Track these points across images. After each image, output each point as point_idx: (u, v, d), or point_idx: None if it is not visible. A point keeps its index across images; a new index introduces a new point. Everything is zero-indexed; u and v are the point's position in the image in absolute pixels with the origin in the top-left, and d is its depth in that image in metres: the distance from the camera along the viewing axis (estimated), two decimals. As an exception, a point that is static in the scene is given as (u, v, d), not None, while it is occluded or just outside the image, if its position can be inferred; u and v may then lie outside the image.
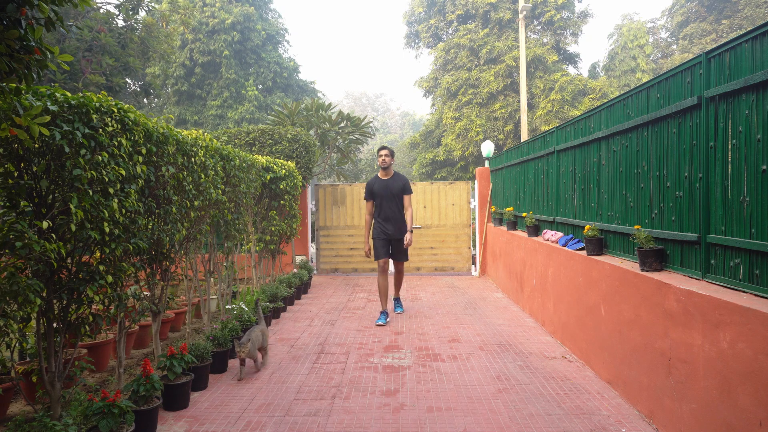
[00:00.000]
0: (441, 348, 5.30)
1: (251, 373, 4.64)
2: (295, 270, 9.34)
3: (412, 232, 6.60)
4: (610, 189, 4.65)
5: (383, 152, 6.70)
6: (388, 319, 6.52)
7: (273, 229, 7.86)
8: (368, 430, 3.45)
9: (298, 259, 10.40)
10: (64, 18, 10.44)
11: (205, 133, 5.01)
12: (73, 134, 2.84)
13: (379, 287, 6.67)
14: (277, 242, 8.07)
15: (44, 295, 2.88)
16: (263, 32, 21.89)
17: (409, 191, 6.66)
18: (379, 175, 6.73)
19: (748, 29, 2.90)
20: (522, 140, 15.50)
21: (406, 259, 6.83)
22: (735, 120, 2.94)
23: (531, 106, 20.21)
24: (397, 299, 7.16)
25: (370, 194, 6.66)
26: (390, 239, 6.60)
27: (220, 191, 5.19)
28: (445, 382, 4.33)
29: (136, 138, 3.46)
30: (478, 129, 19.85)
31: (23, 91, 2.33)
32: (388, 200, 6.55)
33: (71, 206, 2.81)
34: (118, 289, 3.37)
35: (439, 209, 10.79)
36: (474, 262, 10.87)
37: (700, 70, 3.29)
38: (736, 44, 2.94)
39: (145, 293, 4.23)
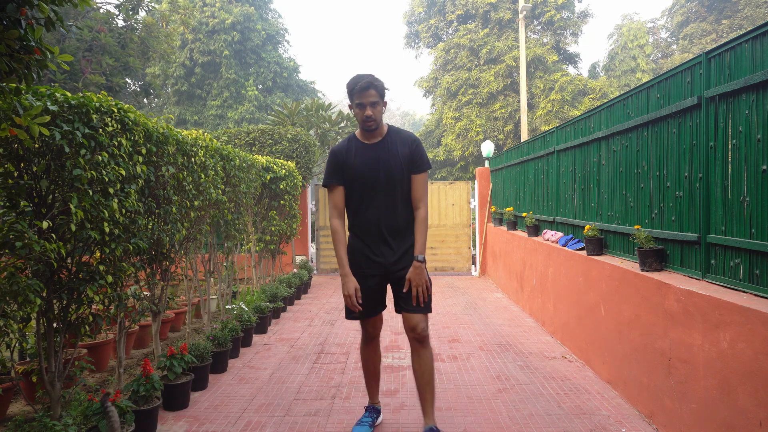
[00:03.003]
0: (441, 348, 5.29)
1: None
2: (295, 270, 9.34)
3: (423, 261, 3.06)
4: (610, 189, 4.65)
5: (364, 96, 3.03)
6: (377, 423, 3.50)
7: (273, 229, 7.87)
8: (368, 430, 3.45)
9: (298, 259, 10.40)
10: (64, 18, 10.45)
11: (205, 133, 5.01)
12: (73, 134, 2.84)
13: (364, 365, 3.45)
14: (277, 242, 8.07)
15: (44, 295, 2.88)
16: (263, 32, 21.89)
17: (425, 165, 3.16)
18: (356, 135, 3.21)
19: (748, 29, 2.90)
20: (522, 140, 15.50)
21: (429, 310, 3.15)
22: (735, 120, 2.94)
23: (531, 106, 20.20)
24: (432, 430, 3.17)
25: (338, 173, 3.15)
26: (385, 271, 3.16)
27: (220, 191, 5.19)
28: (445, 382, 4.32)
29: (136, 138, 3.46)
30: (478, 129, 19.85)
31: (23, 91, 2.33)
32: (378, 188, 3.10)
33: (71, 206, 2.81)
34: (118, 289, 3.37)
35: (438, 209, 10.79)
36: (474, 262, 10.87)
37: (700, 70, 3.29)
38: (736, 44, 2.94)
39: (145, 293, 4.22)
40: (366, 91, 3.00)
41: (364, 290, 3.14)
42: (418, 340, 3.13)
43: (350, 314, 3.21)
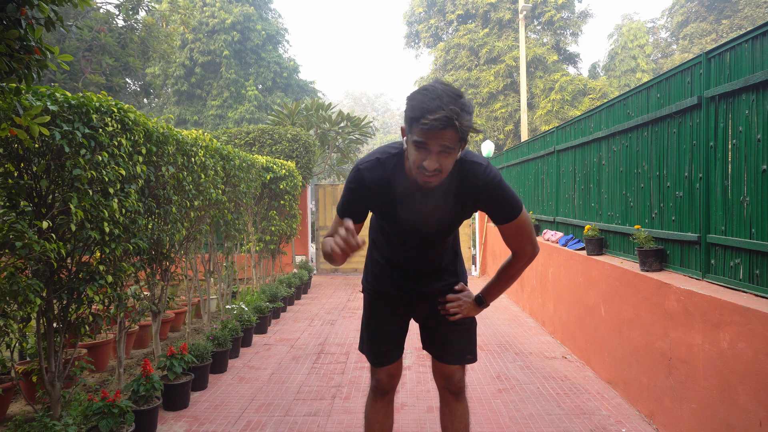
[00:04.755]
0: (441, 348, 5.29)
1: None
2: (295, 270, 9.34)
3: (482, 305, 2.25)
4: (610, 189, 4.65)
5: (433, 137, 1.71)
6: None
7: (273, 229, 7.86)
8: (368, 430, 3.45)
9: (298, 259, 10.40)
10: (64, 18, 10.45)
11: (205, 133, 5.01)
12: (73, 134, 2.84)
13: (368, 430, 2.46)
14: (277, 242, 8.07)
15: (44, 295, 2.88)
16: (263, 32, 21.88)
17: (513, 213, 2.00)
18: (405, 166, 1.94)
19: (748, 29, 2.90)
20: (522, 140, 15.51)
21: (473, 358, 2.33)
22: (735, 120, 2.94)
23: (531, 106, 20.21)
24: None
25: (362, 211, 2.07)
26: (415, 300, 2.31)
27: (220, 191, 5.18)
28: (445, 382, 4.32)
29: (136, 138, 3.46)
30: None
31: (23, 91, 2.33)
32: (423, 243, 2.16)
33: (71, 206, 2.81)
34: (118, 289, 3.37)
35: (439, 209, 10.77)
36: (474, 262, 10.87)
37: (700, 70, 3.29)
38: (736, 44, 2.94)
39: (145, 293, 4.22)
40: (439, 132, 1.70)
41: (383, 320, 2.30)
42: (452, 391, 2.33)
43: (372, 352, 2.31)
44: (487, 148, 10.80)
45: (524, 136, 16.59)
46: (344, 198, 2.05)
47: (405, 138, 1.84)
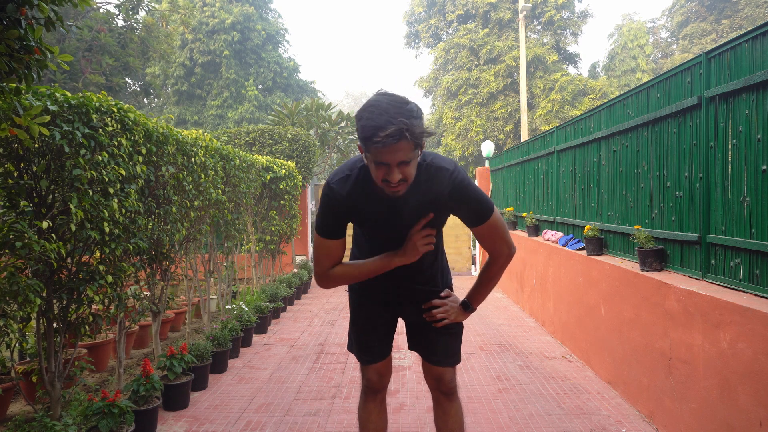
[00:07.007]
0: (441, 348, 5.29)
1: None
2: (295, 270, 9.34)
3: (468, 309, 2.25)
4: (610, 189, 4.65)
5: (387, 153, 1.71)
6: None
7: (273, 229, 7.87)
8: (368, 430, 3.45)
9: (298, 259, 10.40)
10: (64, 18, 10.45)
11: (205, 133, 5.01)
12: (73, 134, 2.84)
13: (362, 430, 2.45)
14: (277, 242, 8.07)
15: (44, 295, 2.88)
16: (263, 32, 21.89)
17: (484, 214, 2.01)
18: (373, 179, 1.87)
19: (748, 29, 2.90)
20: (522, 140, 15.51)
21: (458, 360, 2.41)
22: (735, 120, 2.94)
23: (531, 106, 20.21)
24: None
25: (340, 226, 2.04)
26: (400, 301, 2.36)
27: (220, 191, 5.18)
28: (445, 382, 4.32)
29: (136, 138, 3.46)
30: (478, 129, 19.85)
31: (23, 91, 2.33)
32: (399, 243, 2.07)
33: (71, 206, 2.81)
34: (118, 289, 3.37)
35: (439, 209, 10.77)
36: (474, 262, 10.87)
37: (700, 70, 3.29)
38: (736, 44, 2.94)
39: (145, 293, 4.22)
40: (394, 146, 1.70)
41: (370, 318, 2.39)
42: (444, 392, 2.38)
43: (359, 349, 2.43)
44: (487, 148, 10.81)
45: (524, 136, 16.59)
46: (321, 217, 2.03)
47: (364, 155, 1.84)
